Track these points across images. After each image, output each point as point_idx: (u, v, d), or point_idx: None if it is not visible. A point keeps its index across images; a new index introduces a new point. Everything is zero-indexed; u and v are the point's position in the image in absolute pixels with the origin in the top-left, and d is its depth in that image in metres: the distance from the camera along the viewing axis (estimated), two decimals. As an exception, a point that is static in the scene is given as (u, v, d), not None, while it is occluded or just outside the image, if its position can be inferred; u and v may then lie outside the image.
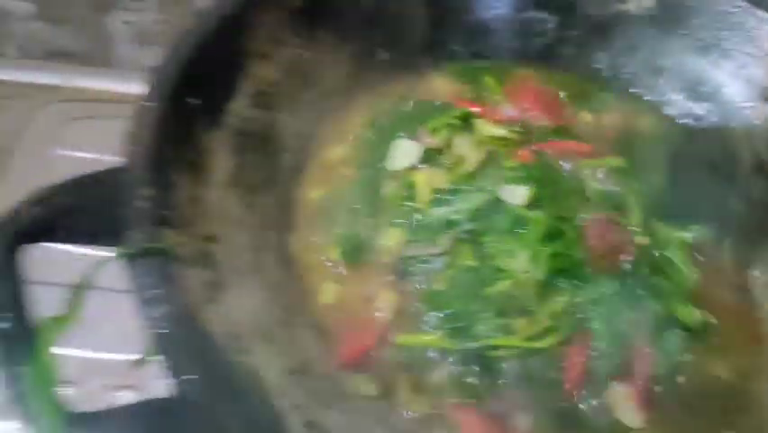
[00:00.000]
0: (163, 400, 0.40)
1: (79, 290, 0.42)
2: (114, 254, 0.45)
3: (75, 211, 0.46)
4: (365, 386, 0.55)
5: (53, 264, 0.51)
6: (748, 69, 0.72)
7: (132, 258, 0.45)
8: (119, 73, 1.05)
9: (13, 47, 1.20)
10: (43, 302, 0.41)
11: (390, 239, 0.62)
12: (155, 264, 0.46)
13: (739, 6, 0.72)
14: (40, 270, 0.43)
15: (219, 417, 0.41)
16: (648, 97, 0.77)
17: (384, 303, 0.59)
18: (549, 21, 0.79)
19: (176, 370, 0.42)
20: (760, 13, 0.71)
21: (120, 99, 0.88)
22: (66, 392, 0.40)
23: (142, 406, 0.42)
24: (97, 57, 1.19)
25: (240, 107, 0.63)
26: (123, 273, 0.45)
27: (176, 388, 0.42)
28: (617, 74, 0.78)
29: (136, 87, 0.52)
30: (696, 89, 0.75)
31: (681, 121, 0.75)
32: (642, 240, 0.62)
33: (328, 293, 0.60)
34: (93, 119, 0.84)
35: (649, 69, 0.77)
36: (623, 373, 0.56)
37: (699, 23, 0.74)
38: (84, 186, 0.48)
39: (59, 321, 0.40)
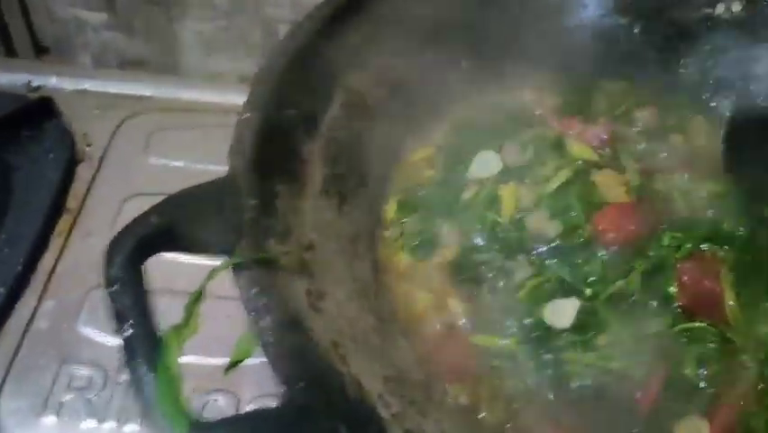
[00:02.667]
0: (277, 409, 0.42)
1: (195, 299, 0.44)
2: (223, 264, 0.46)
3: (188, 221, 0.47)
4: (459, 395, 0.55)
5: (170, 273, 0.53)
6: None
7: (240, 268, 0.46)
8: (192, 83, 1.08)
9: (88, 57, 1.23)
10: (163, 311, 0.43)
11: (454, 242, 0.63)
12: (262, 274, 0.47)
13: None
14: (158, 279, 0.45)
15: (328, 426, 0.42)
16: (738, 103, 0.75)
17: (457, 306, 0.59)
18: (634, 26, 0.78)
19: (285, 379, 0.43)
20: None
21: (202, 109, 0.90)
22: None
23: (258, 415, 0.43)
24: (168, 64, 1.22)
25: (333, 118, 0.64)
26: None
27: (285, 397, 0.43)
28: (705, 81, 0.76)
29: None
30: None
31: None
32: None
33: (419, 301, 0.60)
34: (179, 129, 0.87)
35: (739, 75, 0.75)
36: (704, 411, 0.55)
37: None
38: (194, 197, 0.49)
39: (181, 330, 0.41)
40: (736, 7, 0.74)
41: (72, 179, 0.79)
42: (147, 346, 0.41)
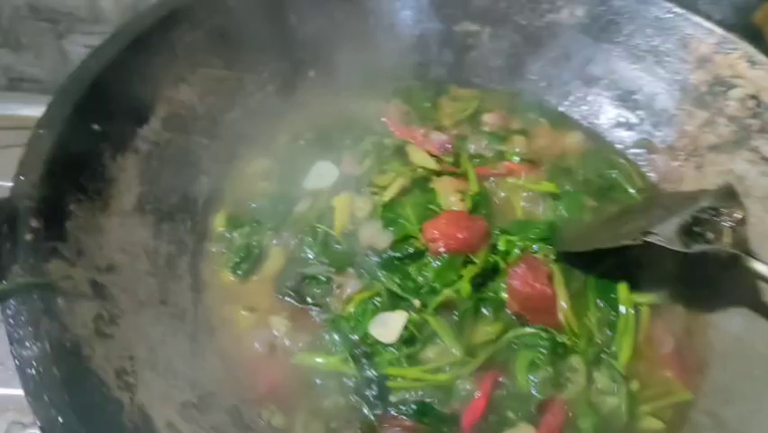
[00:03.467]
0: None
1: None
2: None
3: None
4: (274, 417, 0.53)
5: None
6: (682, 75, 0.70)
7: (7, 295, 0.43)
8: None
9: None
10: None
11: (281, 256, 0.61)
12: (34, 300, 0.44)
13: (673, 12, 0.71)
14: None
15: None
16: (579, 112, 0.76)
17: (280, 324, 0.57)
18: (482, 33, 0.78)
19: (42, 412, 0.40)
20: (695, 18, 0.70)
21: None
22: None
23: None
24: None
25: (152, 132, 0.61)
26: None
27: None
28: (550, 85, 0.77)
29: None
30: (630, 98, 0.74)
31: (611, 133, 0.74)
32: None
33: (240, 321, 0.58)
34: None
35: (582, 78, 0.76)
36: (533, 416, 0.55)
37: (632, 30, 0.73)
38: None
39: None
40: (580, 12, 0.75)
41: None
42: None
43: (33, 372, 0.42)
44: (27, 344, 0.43)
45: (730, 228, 0.55)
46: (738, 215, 0.55)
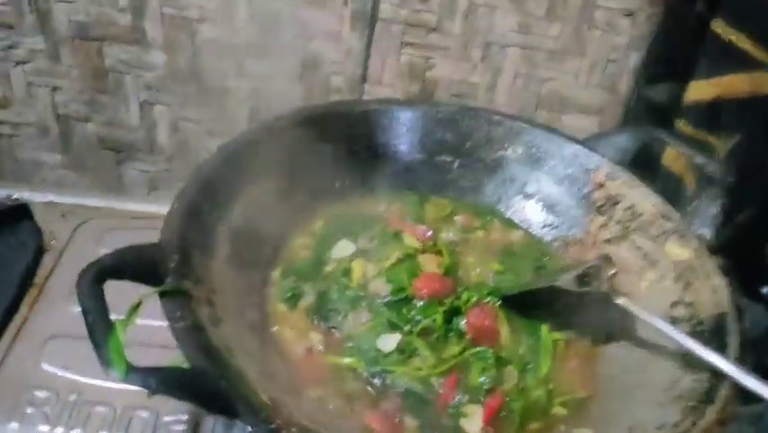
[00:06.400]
0: (188, 370, 0.67)
1: (135, 306, 0.70)
2: (154, 290, 0.73)
3: (133, 263, 0.75)
4: (314, 393, 0.81)
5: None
6: (587, 194, 1.05)
7: (164, 295, 0.73)
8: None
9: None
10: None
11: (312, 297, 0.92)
12: (178, 299, 0.74)
13: (580, 153, 1.07)
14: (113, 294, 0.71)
15: (216, 386, 0.67)
16: (520, 216, 1.10)
17: (315, 337, 0.87)
18: (454, 162, 1.13)
19: (188, 355, 0.69)
20: (594, 156, 1.05)
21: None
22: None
23: (177, 369, 0.68)
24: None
25: (236, 215, 0.94)
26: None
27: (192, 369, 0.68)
28: (500, 199, 1.12)
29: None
30: (553, 209, 1.08)
31: (541, 231, 1.08)
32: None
33: (288, 334, 0.88)
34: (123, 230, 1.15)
35: (522, 194, 1.11)
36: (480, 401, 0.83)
37: (554, 163, 1.09)
38: (137, 250, 0.77)
39: (125, 321, 0.68)
40: (520, 150, 1.11)
41: (39, 263, 1.06)
42: (103, 327, 0.67)
43: (183, 336, 0.71)
44: (177, 321, 0.72)
45: (608, 279, 0.88)
46: (612, 271, 0.89)
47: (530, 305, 0.92)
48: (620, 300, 0.86)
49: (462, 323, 0.90)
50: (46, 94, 1.24)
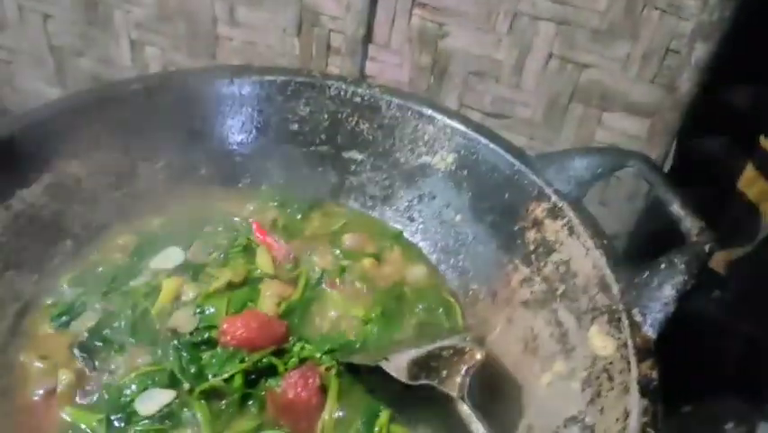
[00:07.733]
0: None
1: None
2: None
3: None
4: None
5: None
6: (519, 229, 0.75)
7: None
8: None
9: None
10: None
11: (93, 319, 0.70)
12: None
13: (521, 173, 0.76)
14: None
15: None
16: (429, 247, 0.82)
17: (63, 378, 0.65)
18: (366, 162, 0.86)
19: None
20: (539, 181, 0.75)
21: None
22: None
23: None
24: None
25: (31, 195, 0.73)
26: None
27: None
28: (412, 219, 0.84)
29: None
30: (473, 248, 0.80)
31: (450, 274, 0.80)
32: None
33: (34, 367, 0.66)
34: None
35: (439, 220, 0.82)
36: None
37: (488, 181, 0.79)
38: None
39: None
40: (450, 159, 0.82)
41: None
42: None
43: None
44: None
45: (464, 371, 0.59)
46: (479, 357, 0.59)
47: (377, 381, 0.65)
48: (463, 407, 0.57)
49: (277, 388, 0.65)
50: (38, 20, 1.19)
